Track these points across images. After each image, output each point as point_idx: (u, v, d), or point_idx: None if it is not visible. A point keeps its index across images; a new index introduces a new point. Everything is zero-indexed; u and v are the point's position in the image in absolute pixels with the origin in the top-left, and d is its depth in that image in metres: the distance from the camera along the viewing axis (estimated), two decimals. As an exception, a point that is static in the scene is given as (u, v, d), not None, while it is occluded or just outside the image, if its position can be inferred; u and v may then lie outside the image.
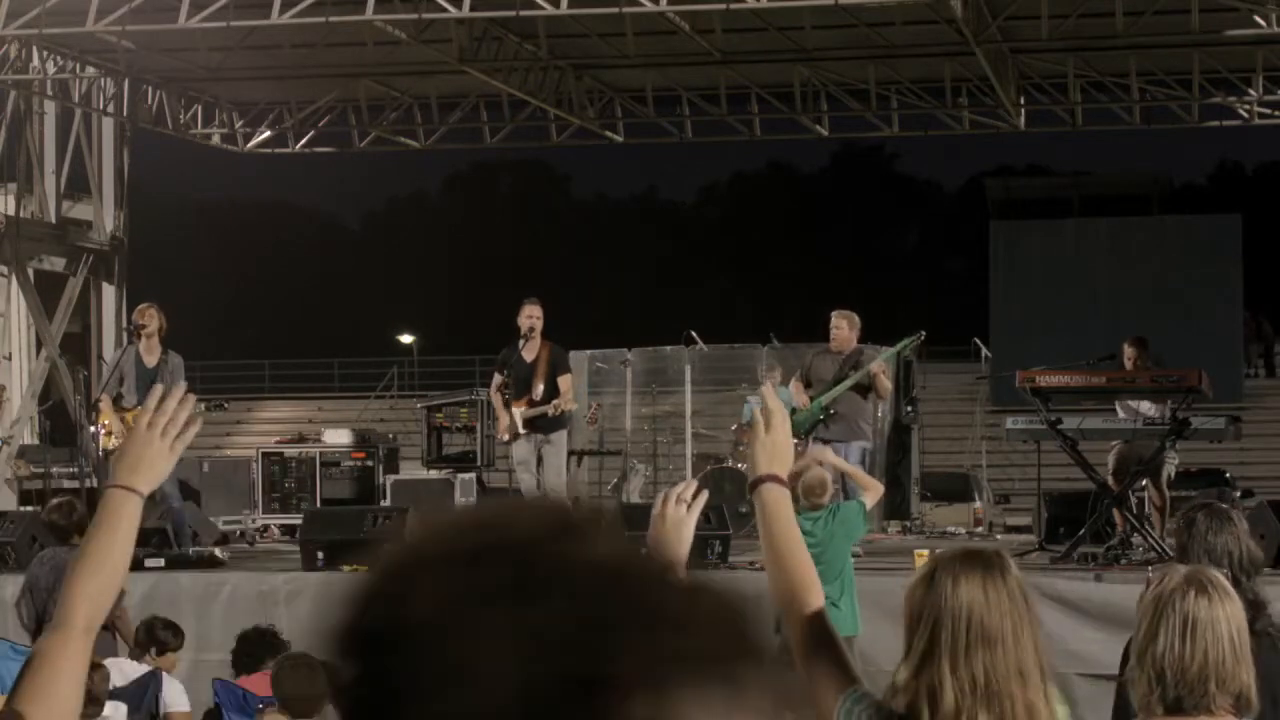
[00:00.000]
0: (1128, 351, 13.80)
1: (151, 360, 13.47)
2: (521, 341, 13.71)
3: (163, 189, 45.78)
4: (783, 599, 3.32)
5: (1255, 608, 5.04)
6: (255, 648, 8.65)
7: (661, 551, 3.49)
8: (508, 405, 13.69)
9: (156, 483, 3.03)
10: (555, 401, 13.46)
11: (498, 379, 13.89)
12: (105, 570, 2.90)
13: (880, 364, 13.17)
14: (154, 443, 3.00)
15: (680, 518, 3.48)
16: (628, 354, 18.62)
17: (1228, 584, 3.52)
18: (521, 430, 13.60)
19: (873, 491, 9.76)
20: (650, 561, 1.22)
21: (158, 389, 3.09)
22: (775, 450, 3.43)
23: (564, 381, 13.61)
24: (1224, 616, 3.43)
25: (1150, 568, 10.93)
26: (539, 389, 13.54)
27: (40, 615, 9.97)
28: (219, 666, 10.50)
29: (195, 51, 18.70)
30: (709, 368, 19.68)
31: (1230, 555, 5.09)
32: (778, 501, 3.39)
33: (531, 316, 13.69)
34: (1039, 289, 33.31)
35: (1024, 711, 2.97)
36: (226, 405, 13.90)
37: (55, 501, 10.92)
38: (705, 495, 3.54)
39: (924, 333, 14.08)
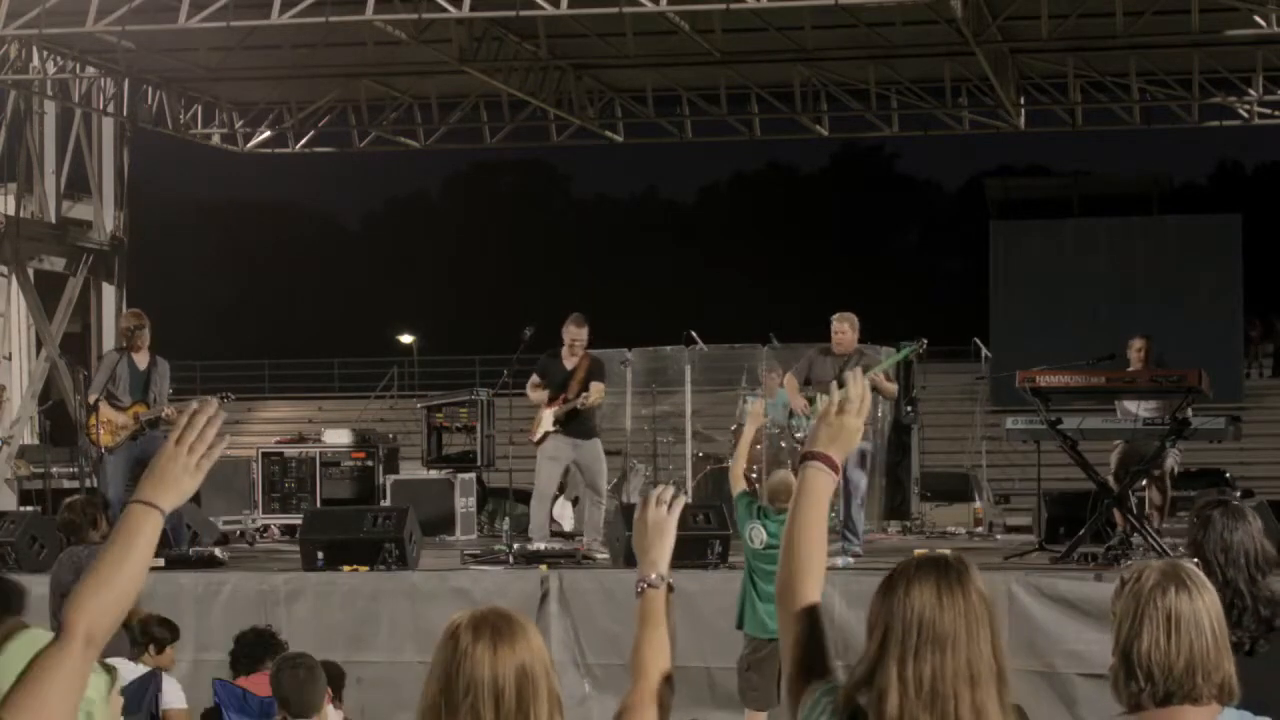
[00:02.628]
0: (1136, 344, 13.76)
1: (143, 363, 13.61)
2: (561, 348, 13.88)
3: (163, 189, 45.77)
4: (783, 581, 3.32)
5: (1273, 605, 5.04)
6: (254, 649, 8.65)
7: (644, 552, 3.49)
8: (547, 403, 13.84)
9: (180, 500, 2.99)
10: (583, 394, 13.59)
11: (534, 379, 14.01)
12: (114, 584, 2.85)
13: (877, 374, 13.18)
14: (180, 459, 2.99)
15: (660, 519, 3.49)
16: (628, 354, 18.61)
17: (1203, 575, 3.53)
18: (551, 427, 13.70)
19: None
20: None
21: (191, 404, 3.07)
22: (841, 434, 3.40)
23: (596, 386, 13.78)
24: (1204, 608, 3.45)
25: (1122, 565, 10.95)
26: (574, 391, 13.69)
27: (53, 611, 9.99)
28: (219, 666, 10.49)
29: (195, 51, 18.70)
30: (709, 368, 19.65)
31: (1246, 553, 5.09)
32: (819, 483, 3.36)
33: (572, 337, 13.85)
34: (1039, 289, 33.33)
35: (970, 712, 2.97)
36: (231, 396, 13.98)
37: (69, 500, 10.90)
38: (684, 500, 3.54)
39: (925, 341, 14.06)
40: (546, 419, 13.80)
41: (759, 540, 9.34)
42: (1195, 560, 4.95)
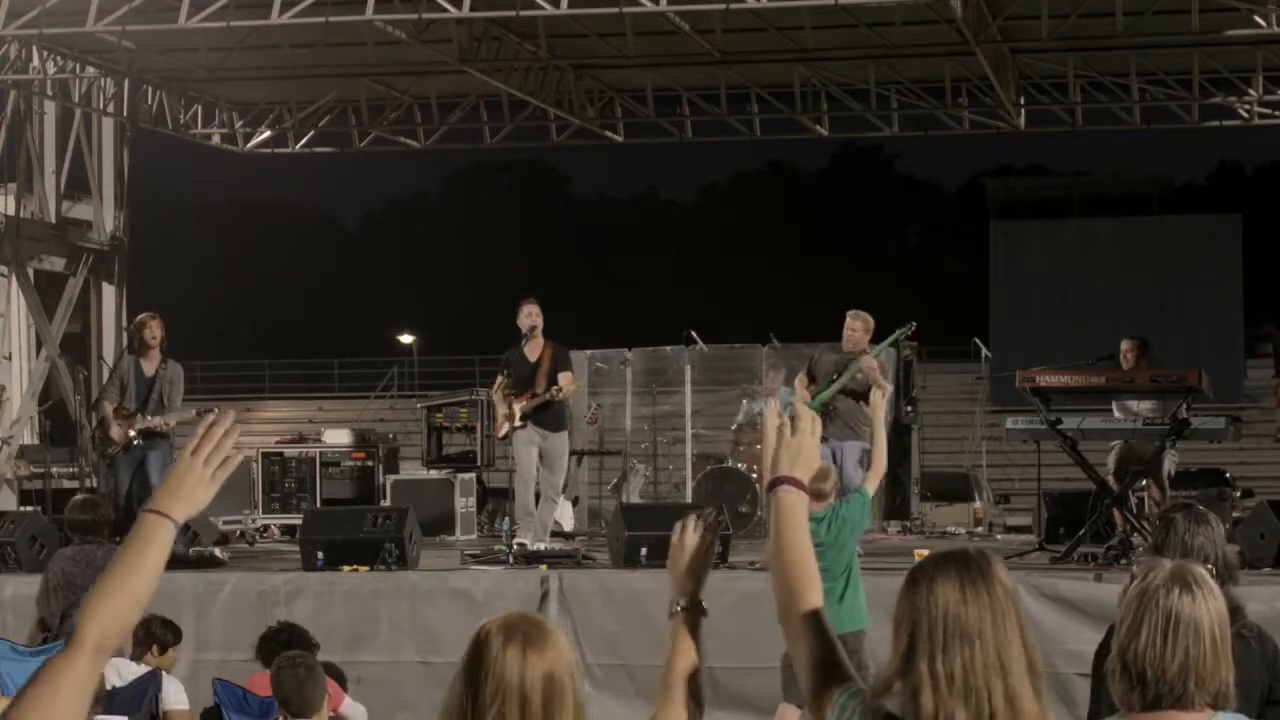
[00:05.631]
0: (1124, 346, 13.77)
1: (150, 369, 13.51)
2: (523, 341, 13.78)
3: (163, 189, 45.76)
4: (782, 599, 3.35)
5: (1231, 612, 5.06)
6: (284, 645, 8.55)
7: (677, 576, 3.55)
8: (507, 400, 13.73)
9: (194, 511, 3.01)
10: (555, 387, 13.51)
11: (500, 379, 13.94)
12: (125, 592, 2.87)
13: (870, 359, 13.10)
14: (196, 470, 3.00)
15: (696, 544, 3.53)
16: (628, 354, 18.62)
17: (1212, 581, 3.52)
18: (519, 423, 13.62)
19: (875, 473, 9.60)
20: None
21: (208, 416, 3.09)
22: (800, 453, 3.45)
23: (565, 376, 13.68)
24: (1207, 614, 3.43)
25: (1135, 563, 10.94)
26: (541, 385, 13.58)
27: (68, 611, 9.98)
28: (219, 666, 10.51)
29: (195, 51, 18.70)
30: (709, 368, 19.67)
31: (1206, 558, 5.10)
32: (794, 505, 3.42)
33: (531, 315, 13.75)
34: (1039, 289, 33.37)
35: (1004, 701, 2.98)
36: (216, 411, 13.70)
37: (78, 499, 10.91)
38: (722, 522, 3.61)
39: (914, 323, 13.99)
40: (515, 413, 13.71)
41: None
42: (1209, 566, 4.95)
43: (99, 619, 2.83)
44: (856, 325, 13.40)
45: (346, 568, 12.26)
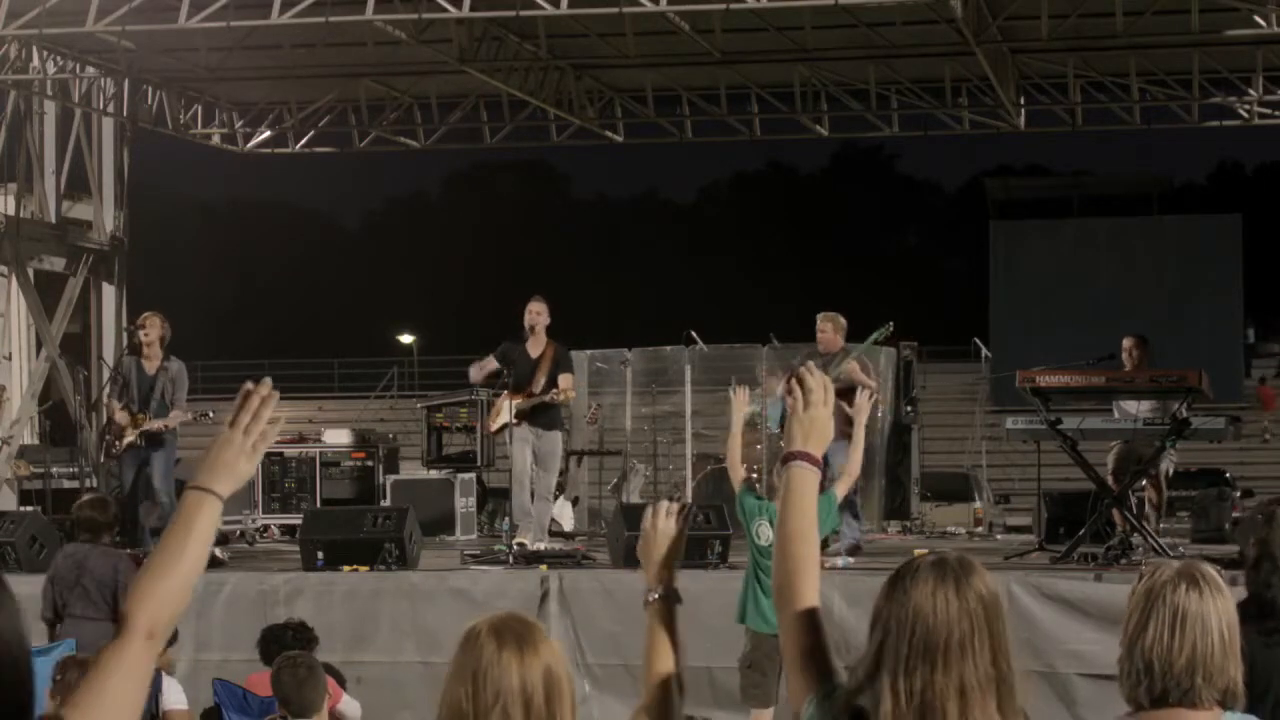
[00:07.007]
0: (1127, 344, 13.75)
1: (151, 368, 13.48)
2: (525, 338, 13.74)
3: (163, 189, 45.78)
4: (779, 581, 3.31)
5: None
6: (283, 646, 8.54)
7: (651, 564, 3.51)
8: (501, 394, 13.75)
9: (237, 484, 2.91)
10: (554, 390, 13.49)
11: (491, 364, 13.87)
12: (174, 573, 2.77)
13: (851, 362, 13.06)
14: (236, 441, 2.90)
15: (667, 531, 3.50)
16: (628, 354, 18.62)
17: (1220, 578, 3.51)
18: (514, 421, 13.60)
19: (849, 476, 9.50)
20: None
21: (257, 384, 2.98)
22: (813, 427, 3.40)
23: (565, 379, 13.65)
24: (1214, 610, 3.41)
25: (1144, 562, 10.95)
26: (540, 384, 13.56)
27: (58, 608, 10.01)
28: (219, 666, 10.51)
29: (195, 51, 18.70)
30: (709, 368, 19.66)
31: None
32: (804, 481, 3.35)
33: (534, 313, 13.72)
34: (1039, 289, 33.38)
35: None
36: (211, 415, 13.61)
37: (89, 498, 10.91)
38: (691, 509, 3.58)
39: (891, 323, 13.96)
40: (505, 411, 13.69)
41: (765, 538, 9.30)
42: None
43: (147, 604, 2.74)
44: (827, 327, 13.38)
45: (346, 568, 12.26)
